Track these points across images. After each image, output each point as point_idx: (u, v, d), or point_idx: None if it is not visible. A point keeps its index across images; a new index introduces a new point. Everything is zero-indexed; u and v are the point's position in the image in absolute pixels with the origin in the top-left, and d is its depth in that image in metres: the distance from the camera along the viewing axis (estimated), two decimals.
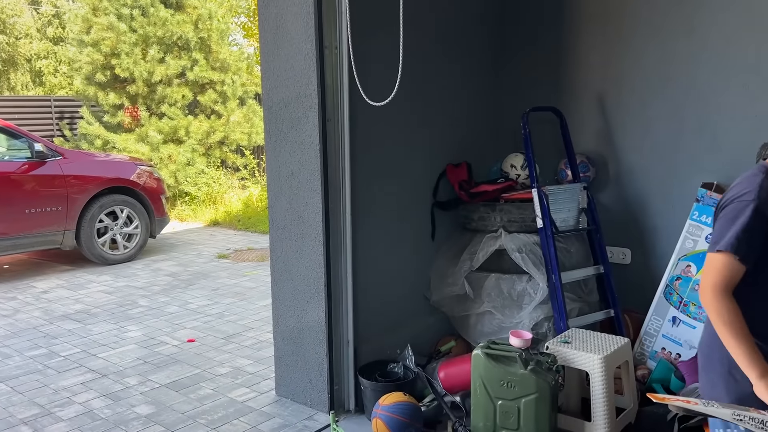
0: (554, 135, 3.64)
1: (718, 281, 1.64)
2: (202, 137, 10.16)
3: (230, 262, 6.79)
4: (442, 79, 3.58)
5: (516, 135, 3.72)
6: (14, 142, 6.40)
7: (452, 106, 3.69)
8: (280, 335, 3.32)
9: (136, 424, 3.08)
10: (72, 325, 4.68)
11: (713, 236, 1.72)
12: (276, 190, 3.22)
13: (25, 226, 5.97)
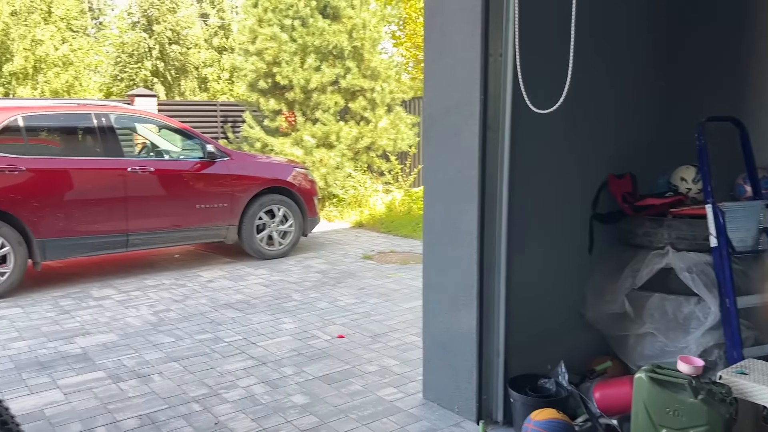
0: (729, 146, 3.35)
1: None
2: (351, 142, 10.57)
3: (374, 263, 6.98)
4: (605, 86, 3.44)
5: (684, 145, 3.47)
6: (188, 142, 7.06)
7: (615, 114, 3.52)
8: (430, 339, 3.36)
9: (292, 412, 3.27)
10: (234, 313, 5.06)
11: None
12: (432, 197, 3.27)
13: (196, 220, 6.55)
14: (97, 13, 30.27)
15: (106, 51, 27.11)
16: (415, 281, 6.06)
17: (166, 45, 25.91)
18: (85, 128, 6.27)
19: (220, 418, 3.22)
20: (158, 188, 6.30)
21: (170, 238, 6.46)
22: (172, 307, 5.24)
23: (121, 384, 3.66)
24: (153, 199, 6.27)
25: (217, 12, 28.87)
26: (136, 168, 6.15)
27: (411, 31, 16.32)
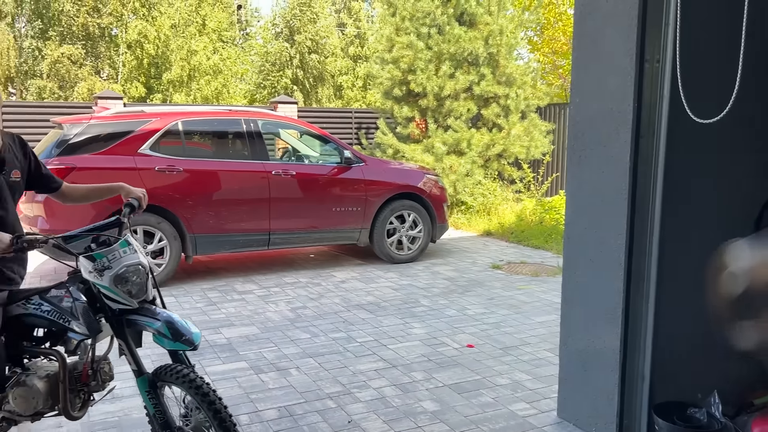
0: None
1: None
2: (482, 149, 10.48)
3: (504, 273, 6.86)
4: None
5: None
6: (326, 147, 7.34)
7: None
8: (567, 356, 3.24)
9: (423, 418, 3.28)
10: (365, 314, 5.19)
11: None
12: (575, 208, 3.15)
13: (331, 222, 6.80)
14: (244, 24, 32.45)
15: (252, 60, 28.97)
16: (547, 294, 5.87)
17: (305, 54, 27.20)
18: (235, 133, 6.73)
19: (353, 416, 3.31)
20: (298, 191, 6.61)
21: (307, 238, 6.76)
22: (308, 304, 5.47)
23: (262, 375, 3.87)
24: (293, 201, 6.59)
25: (353, 21, 29.88)
26: (279, 171, 6.50)
27: (549, 36, 15.90)
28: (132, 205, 2.57)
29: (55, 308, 2.39)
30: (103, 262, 2.30)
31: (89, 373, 2.44)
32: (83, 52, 21.38)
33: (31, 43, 21.16)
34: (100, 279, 2.29)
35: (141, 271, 2.37)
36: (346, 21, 30.03)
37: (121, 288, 2.32)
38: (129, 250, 2.37)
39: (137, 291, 2.36)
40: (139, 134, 6.03)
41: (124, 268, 2.31)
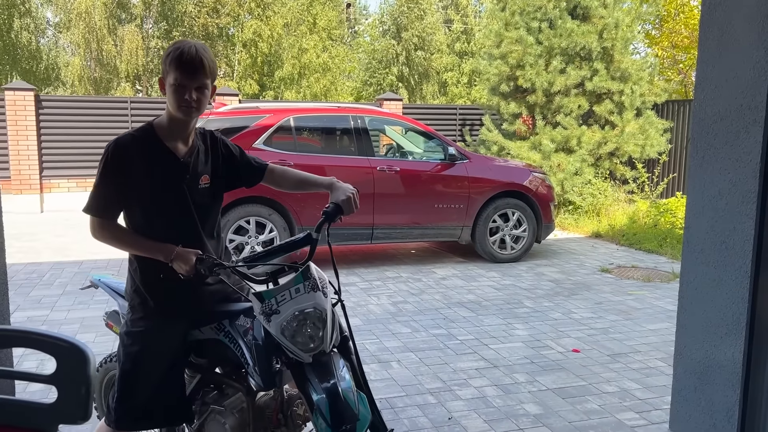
0: None
1: None
2: (593, 148, 10.08)
3: (613, 277, 6.57)
4: None
5: None
6: (430, 144, 7.35)
7: None
8: (682, 367, 3.06)
9: (525, 420, 3.22)
10: (466, 312, 5.16)
11: None
12: (697, 210, 2.96)
13: (433, 219, 6.81)
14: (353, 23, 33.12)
15: (359, 58, 29.52)
16: (660, 301, 5.57)
17: (411, 51, 27.35)
18: (343, 129, 6.90)
19: (453, 413, 3.30)
20: (401, 187, 6.66)
21: (409, 234, 6.80)
22: (408, 299, 5.51)
23: (365, 367, 3.94)
24: (396, 197, 6.66)
25: (460, 17, 29.67)
26: (383, 167, 6.59)
27: (669, 29, 15.01)
28: (331, 214, 2.07)
29: (239, 342, 2.08)
30: (271, 304, 1.91)
31: (279, 418, 2.12)
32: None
33: (157, 43, 22.71)
34: (268, 324, 1.93)
35: (316, 317, 1.92)
36: (453, 17, 29.87)
37: (288, 338, 1.91)
38: (304, 287, 1.92)
39: (309, 342, 1.92)
40: (253, 129, 6.33)
41: (293, 314, 1.90)
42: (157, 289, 2.10)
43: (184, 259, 1.96)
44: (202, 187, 2.13)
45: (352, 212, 2.10)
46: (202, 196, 2.14)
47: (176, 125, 2.07)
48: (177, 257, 1.97)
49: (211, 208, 2.20)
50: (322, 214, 2.07)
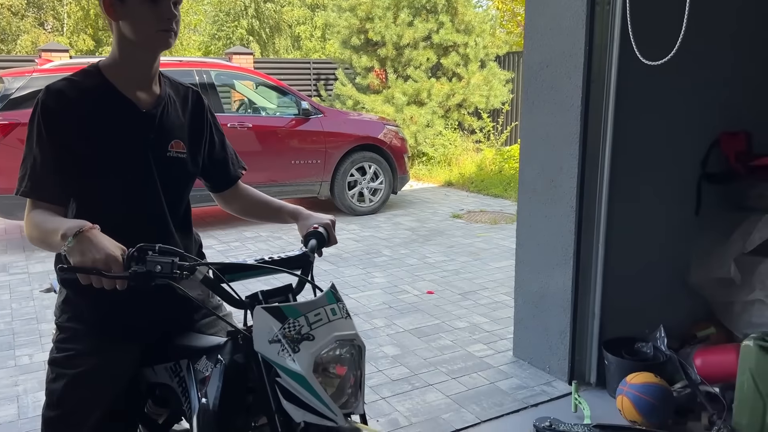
0: None
1: None
2: (442, 99, 10.44)
3: (464, 222, 6.95)
4: (720, 37, 3.18)
5: None
6: (284, 99, 7.22)
7: (730, 66, 3.26)
8: (522, 298, 3.33)
9: (384, 362, 3.36)
10: (327, 266, 5.22)
11: None
12: (529, 152, 3.19)
13: (290, 176, 6.75)
14: None
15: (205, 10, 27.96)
16: (505, 241, 5.99)
17: (261, 3, 26.37)
18: None
19: None
20: (256, 144, 6.51)
21: (267, 192, 6.62)
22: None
23: None
24: (251, 155, 6.47)
25: None
26: (235, 124, 6.38)
27: None
28: (320, 235, 1.62)
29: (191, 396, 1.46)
30: (300, 324, 1.26)
31: None
32: (24, 3, 20.32)
33: None
34: (290, 357, 1.23)
35: (357, 354, 1.33)
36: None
37: (324, 381, 1.26)
38: (340, 310, 1.35)
39: (343, 394, 1.30)
40: None
41: (336, 343, 1.28)
42: (96, 298, 1.37)
43: (98, 247, 1.21)
44: (172, 156, 1.54)
45: (335, 242, 1.68)
46: (172, 167, 1.54)
47: (137, 64, 1.50)
48: (84, 242, 1.21)
49: (184, 189, 1.63)
50: (309, 236, 1.62)
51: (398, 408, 2.87)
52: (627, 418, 2.64)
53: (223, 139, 1.76)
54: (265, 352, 1.26)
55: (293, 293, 1.44)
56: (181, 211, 1.64)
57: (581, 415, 2.73)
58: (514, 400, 2.94)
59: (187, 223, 1.68)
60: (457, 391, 3.03)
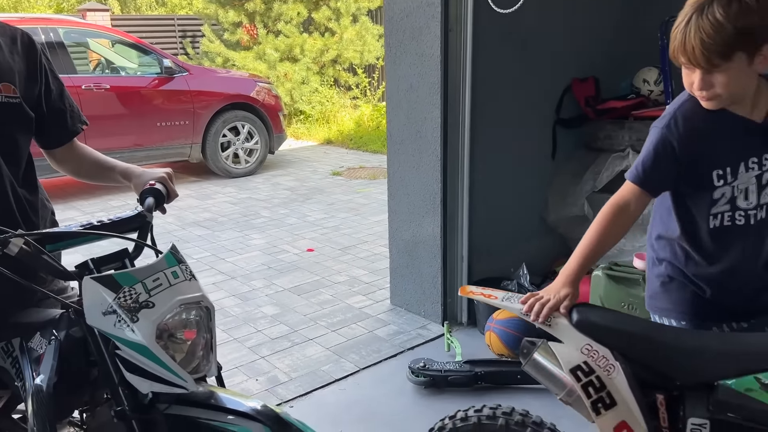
0: None
1: (614, 199, 1.53)
2: (316, 55, 10.25)
3: (344, 179, 6.96)
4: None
5: (648, 47, 3.44)
6: (145, 58, 6.77)
7: (579, 15, 3.45)
8: (396, 248, 3.41)
9: (263, 322, 3.33)
10: (202, 231, 5.05)
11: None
12: (394, 104, 3.22)
13: (157, 139, 6.40)
14: None
15: None
16: (383, 195, 6.01)
17: None
18: None
19: None
20: (116, 106, 6.09)
21: (132, 157, 6.27)
22: None
23: None
24: (111, 118, 6.07)
25: None
26: (90, 85, 5.91)
27: None
28: (157, 191, 1.50)
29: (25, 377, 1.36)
30: (137, 291, 1.19)
31: None
32: None
33: None
34: (129, 327, 1.16)
35: (205, 316, 1.28)
36: None
37: (172, 347, 1.21)
38: (182, 272, 1.28)
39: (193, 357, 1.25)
40: None
41: (180, 308, 1.22)
42: None
43: None
44: (2, 101, 1.38)
45: (176, 195, 1.57)
46: (3, 113, 1.38)
47: None
48: None
49: (20, 137, 1.44)
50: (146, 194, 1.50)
51: (278, 365, 2.87)
52: (495, 352, 2.81)
53: (62, 88, 1.60)
54: (99, 326, 1.18)
55: (130, 258, 1.34)
56: (22, 164, 1.47)
57: (453, 354, 2.87)
58: (392, 345, 3.03)
59: (32, 180, 1.52)
60: (336, 342, 3.07)
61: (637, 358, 1.34)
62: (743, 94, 1.40)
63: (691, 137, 1.43)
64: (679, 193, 1.52)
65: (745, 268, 1.50)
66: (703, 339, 1.37)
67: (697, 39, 1.29)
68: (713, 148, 1.44)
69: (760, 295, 1.53)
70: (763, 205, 1.47)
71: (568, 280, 1.47)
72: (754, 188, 1.45)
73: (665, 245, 1.59)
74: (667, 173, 1.48)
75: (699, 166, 1.45)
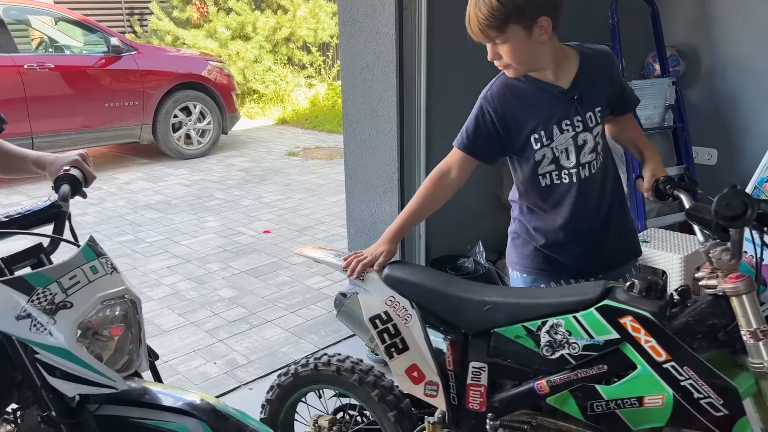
0: (640, 26, 3.40)
1: (440, 165, 1.71)
2: (268, 33, 10.05)
3: (300, 159, 6.89)
4: None
5: (599, 26, 3.50)
6: (91, 36, 6.53)
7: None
8: (354, 228, 3.40)
9: (220, 305, 3.29)
10: (154, 214, 4.94)
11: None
12: (350, 84, 3.18)
13: (105, 120, 6.20)
14: None
15: None
16: (340, 175, 6.00)
17: None
18: None
19: (146, 315, 3.20)
20: (61, 86, 5.87)
21: (79, 139, 6.10)
22: (88, 210, 5.04)
23: None
24: (56, 99, 5.85)
25: None
26: (33, 65, 5.67)
27: None
28: (72, 177, 1.41)
29: None
30: (53, 292, 1.12)
31: None
32: None
33: None
34: (46, 331, 1.10)
35: (131, 310, 1.22)
36: None
37: (98, 345, 1.15)
38: (102, 266, 1.21)
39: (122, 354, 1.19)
40: None
41: (101, 304, 1.16)
42: None
43: None
44: None
45: (93, 178, 1.48)
46: None
47: None
48: None
49: None
50: (61, 181, 1.41)
51: (236, 348, 2.85)
52: None
53: None
54: (13, 331, 1.11)
55: (46, 253, 1.26)
56: None
57: None
58: None
59: None
60: (295, 324, 3.06)
61: (430, 308, 1.50)
62: (537, 62, 1.55)
63: (506, 106, 1.59)
64: (512, 158, 1.68)
65: (578, 225, 1.62)
66: (485, 292, 1.48)
67: (475, 17, 1.49)
68: (527, 113, 1.58)
69: (596, 253, 1.63)
70: (585, 164, 1.59)
71: (387, 238, 1.61)
72: (572, 149, 1.58)
73: (515, 206, 1.75)
74: (488, 140, 1.62)
75: (517, 131, 1.59)
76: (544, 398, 1.36)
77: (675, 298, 1.31)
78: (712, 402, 1.19)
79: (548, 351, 1.33)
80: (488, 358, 1.42)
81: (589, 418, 1.31)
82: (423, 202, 1.68)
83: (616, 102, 1.67)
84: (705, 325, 1.23)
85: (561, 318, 1.31)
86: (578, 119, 1.57)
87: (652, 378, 1.23)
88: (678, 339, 1.22)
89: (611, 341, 1.26)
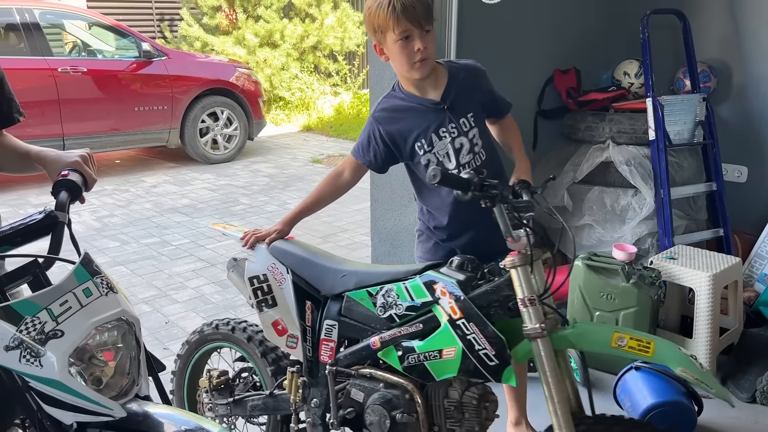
0: (671, 41, 3.38)
1: (338, 166, 1.96)
2: (296, 41, 10.16)
3: (324, 166, 6.93)
4: None
5: (630, 40, 3.48)
6: (122, 41, 6.66)
7: (563, 7, 3.47)
8: (378, 236, 3.41)
9: (243, 309, 3.32)
10: (180, 218, 5.00)
11: None
12: (378, 92, 3.20)
13: (135, 123, 6.31)
14: None
15: None
16: (364, 183, 5.97)
17: None
18: (6, 25, 5.82)
19: (171, 317, 3.25)
20: (93, 89, 5.99)
21: (109, 142, 6.23)
22: (115, 212, 5.13)
23: None
24: (88, 102, 5.97)
25: None
26: (67, 68, 5.80)
27: None
28: (71, 183, 1.32)
29: None
30: (42, 320, 1.07)
31: None
32: None
33: None
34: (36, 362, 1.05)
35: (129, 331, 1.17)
36: None
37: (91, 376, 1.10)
38: (97, 286, 1.15)
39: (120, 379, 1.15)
40: None
41: (95, 330, 1.10)
42: None
43: None
44: None
45: (94, 181, 1.39)
46: None
47: None
48: None
49: None
50: (59, 186, 1.32)
51: None
52: None
53: (2, 75, 1.51)
54: (3, 363, 1.06)
55: (42, 270, 1.20)
56: None
57: None
58: None
59: None
60: None
61: (301, 274, 1.79)
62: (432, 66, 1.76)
63: (390, 121, 1.81)
64: (407, 165, 1.90)
65: (462, 219, 1.84)
66: (343, 263, 1.80)
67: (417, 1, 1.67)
68: (409, 125, 1.80)
69: (480, 244, 1.82)
70: (464, 164, 1.81)
71: (283, 220, 1.93)
72: (452, 152, 1.81)
73: (417, 207, 2.00)
74: (378, 152, 1.84)
75: (403, 142, 1.81)
76: (377, 353, 1.63)
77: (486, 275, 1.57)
78: (487, 353, 1.47)
79: (381, 311, 1.64)
80: (339, 316, 1.72)
81: (405, 369, 1.58)
82: (318, 197, 1.97)
83: (490, 106, 1.94)
84: (500, 295, 1.50)
85: (394, 285, 1.62)
86: (452, 126, 1.79)
87: (449, 333, 1.50)
88: (474, 303, 1.48)
89: (426, 303, 1.56)
